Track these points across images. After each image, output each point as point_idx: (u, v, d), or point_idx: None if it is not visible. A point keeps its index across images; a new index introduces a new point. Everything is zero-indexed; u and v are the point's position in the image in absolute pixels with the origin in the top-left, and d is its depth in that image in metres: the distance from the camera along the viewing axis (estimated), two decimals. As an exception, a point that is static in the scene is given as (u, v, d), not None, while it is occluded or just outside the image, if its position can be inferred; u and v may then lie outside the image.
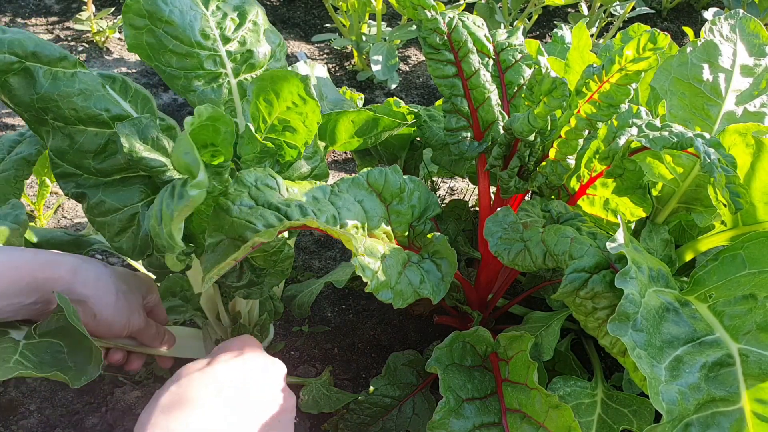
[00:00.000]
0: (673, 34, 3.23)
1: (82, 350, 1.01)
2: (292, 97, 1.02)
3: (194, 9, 1.11)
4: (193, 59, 1.09)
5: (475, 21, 1.37)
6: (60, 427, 1.31)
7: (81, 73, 1.01)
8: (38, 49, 0.97)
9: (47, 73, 0.98)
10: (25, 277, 0.95)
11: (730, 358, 0.83)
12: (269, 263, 1.01)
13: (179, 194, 0.81)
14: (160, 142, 1.01)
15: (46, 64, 0.98)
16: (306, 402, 1.32)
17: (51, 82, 0.98)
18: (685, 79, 1.39)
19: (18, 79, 0.96)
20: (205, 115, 0.84)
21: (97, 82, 1.03)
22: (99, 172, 1.04)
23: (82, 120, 1.01)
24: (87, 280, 1.00)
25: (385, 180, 1.10)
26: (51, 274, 0.97)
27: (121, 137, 0.95)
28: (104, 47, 2.71)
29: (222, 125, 0.88)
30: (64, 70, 0.99)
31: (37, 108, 0.98)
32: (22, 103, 0.98)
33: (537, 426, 1.03)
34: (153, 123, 1.00)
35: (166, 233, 0.83)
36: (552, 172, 1.19)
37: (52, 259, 0.98)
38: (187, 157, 0.79)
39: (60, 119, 1.00)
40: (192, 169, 0.79)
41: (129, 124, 0.97)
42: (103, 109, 1.02)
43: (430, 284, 1.03)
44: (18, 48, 0.96)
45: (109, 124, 1.02)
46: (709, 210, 1.25)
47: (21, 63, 0.96)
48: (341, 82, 2.74)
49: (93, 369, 1.00)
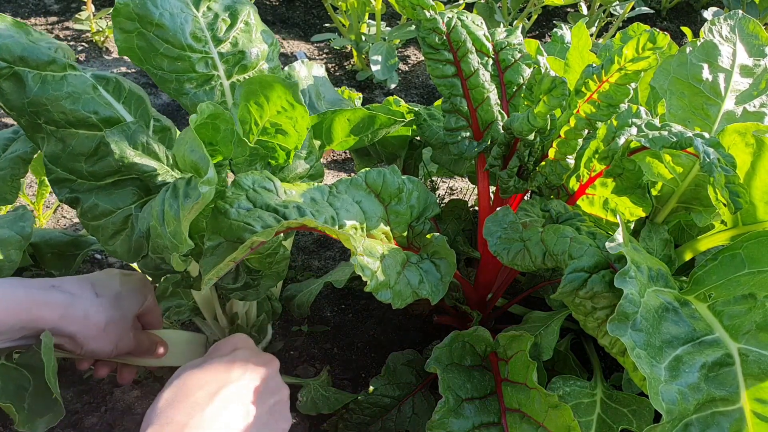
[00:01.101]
0: (673, 34, 3.23)
1: (45, 398, 1.01)
2: (281, 102, 1.02)
3: (185, 11, 1.10)
4: (184, 62, 1.09)
5: (474, 20, 1.37)
6: (59, 426, 1.31)
7: (71, 76, 1.01)
8: (26, 54, 0.97)
9: (36, 77, 0.98)
10: (12, 318, 0.95)
11: (729, 357, 0.83)
12: (265, 265, 1.01)
13: (185, 193, 0.81)
14: (151, 147, 1.00)
15: (35, 68, 0.98)
16: (304, 404, 1.32)
17: (40, 86, 0.98)
18: (684, 79, 1.39)
19: (9, 83, 0.97)
20: (206, 112, 0.84)
21: (88, 84, 1.02)
22: (92, 176, 1.04)
23: (71, 123, 1.00)
24: (74, 318, 1.00)
25: (384, 180, 1.09)
26: (39, 315, 0.97)
27: (111, 144, 0.95)
28: (104, 47, 2.71)
29: (222, 123, 0.88)
30: (53, 74, 0.99)
31: (30, 112, 0.98)
32: (16, 107, 0.98)
33: (536, 426, 1.03)
34: (142, 128, 1.00)
35: (170, 233, 0.83)
36: (551, 171, 1.19)
37: (41, 299, 0.98)
38: (193, 154, 0.79)
39: (52, 123, 1.00)
40: (200, 167, 0.79)
41: (118, 131, 0.97)
42: (92, 111, 1.01)
43: (428, 284, 1.03)
44: (6, 53, 0.96)
45: (99, 126, 1.02)
46: (709, 210, 1.25)
47: (10, 68, 0.96)
48: (341, 81, 2.74)
49: (42, 423, 1.00)
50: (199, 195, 0.78)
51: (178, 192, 0.84)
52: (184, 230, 0.82)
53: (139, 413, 1.33)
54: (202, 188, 0.78)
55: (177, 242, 0.84)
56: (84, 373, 1.42)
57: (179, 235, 0.83)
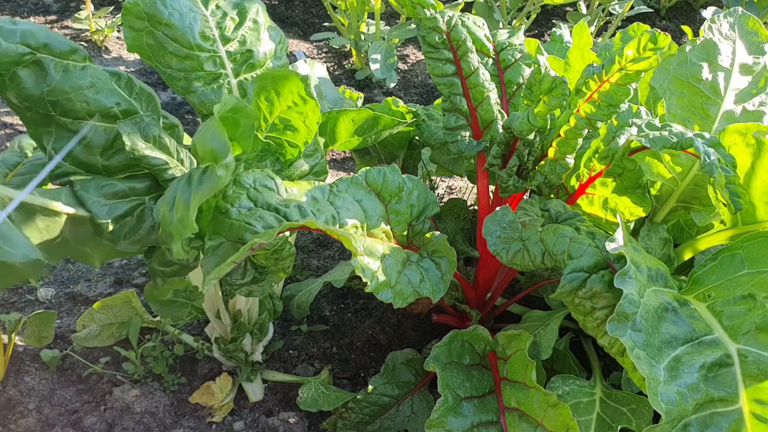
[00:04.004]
0: (672, 33, 3.23)
1: None
2: (292, 97, 1.02)
3: (193, 10, 1.11)
4: (192, 61, 1.09)
5: (476, 21, 1.37)
6: (59, 426, 1.31)
7: (90, 67, 1.00)
8: (50, 41, 0.96)
9: (58, 65, 0.97)
10: None
11: (728, 358, 0.83)
12: (271, 261, 1.01)
13: (199, 180, 0.81)
14: (162, 141, 1.01)
15: (58, 56, 0.97)
16: (305, 400, 1.32)
17: (63, 75, 0.97)
18: (684, 78, 1.39)
19: (28, 71, 0.95)
20: (229, 105, 0.85)
21: (107, 76, 1.02)
22: (105, 170, 1.03)
23: (92, 113, 1.00)
24: None
25: (384, 179, 1.09)
26: None
27: (123, 135, 0.95)
28: (103, 46, 2.71)
29: (242, 118, 0.88)
30: (75, 63, 0.98)
31: (47, 101, 0.96)
32: (31, 98, 0.96)
33: (535, 425, 1.03)
34: (155, 121, 1.00)
35: (177, 219, 0.84)
36: (551, 171, 1.19)
37: None
38: (214, 142, 0.79)
39: (70, 114, 0.98)
40: (218, 153, 0.79)
41: (131, 122, 0.97)
42: (115, 103, 1.01)
43: (429, 283, 1.03)
44: (30, 39, 0.94)
45: (119, 117, 1.01)
46: (708, 209, 1.25)
47: (33, 54, 0.94)
48: (340, 81, 2.74)
49: None
50: (216, 179, 0.78)
51: (192, 180, 0.84)
52: (192, 214, 0.82)
53: (138, 412, 1.33)
54: (219, 171, 0.78)
55: (182, 227, 0.84)
56: (84, 372, 1.42)
57: (185, 220, 0.83)
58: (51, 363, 1.42)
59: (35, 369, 1.42)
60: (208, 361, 1.46)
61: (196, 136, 0.89)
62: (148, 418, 1.33)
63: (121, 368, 1.43)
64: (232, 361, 1.40)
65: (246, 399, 1.42)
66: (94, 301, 1.51)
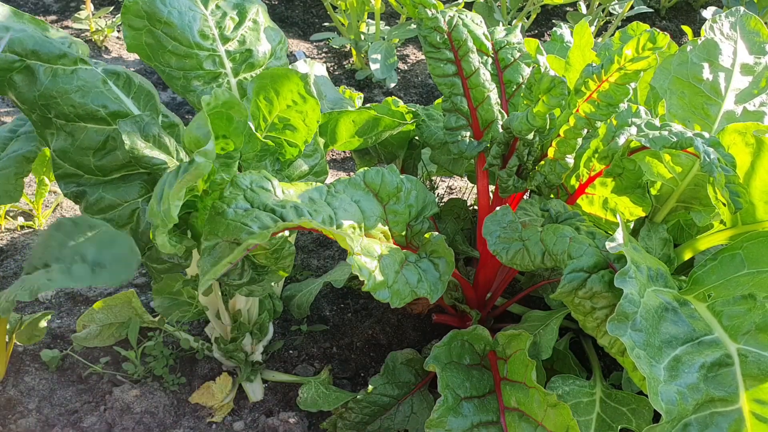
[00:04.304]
0: (672, 33, 3.23)
1: None
2: (292, 96, 1.02)
3: (193, 9, 1.11)
4: (192, 60, 1.10)
5: (474, 18, 1.37)
6: (59, 426, 1.31)
7: (81, 70, 1.02)
8: (38, 48, 0.99)
9: (47, 70, 0.99)
10: None
11: (728, 358, 0.83)
12: (271, 261, 1.01)
13: (183, 169, 0.82)
14: (162, 140, 1.01)
15: (46, 61, 0.99)
16: (305, 400, 1.32)
17: (51, 80, 0.99)
18: (684, 78, 1.39)
19: (21, 77, 0.98)
20: (221, 99, 0.85)
21: (98, 78, 1.03)
22: (99, 170, 1.04)
23: (80, 116, 1.02)
24: None
25: (382, 180, 1.09)
26: None
27: (123, 134, 0.95)
28: (103, 46, 2.71)
29: (235, 113, 0.88)
30: (64, 67, 1.00)
31: (41, 105, 0.99)
32: (28, 101, 1.00)
33: (535, 425, 1.03)
34: (154, 121, 1.00)
35: (162, 211, 0.84)
36: (551, 171, 1.19)
37: None
38: (198, 130, 0.80)
39: (62, 116, 1.01)
40: (201, 140, 0.79)
41: (131, 122, 0.98)
42: (101, 105, 1.02)
43: (427, 283, 1.03)
44: (18, 47, 0.98)
45: (107, 120, 1.03)
46: (708, 209, 1.25)
47: (23, 61, 0.98)
48: (340, 80, 2.74)
49: None
50: (196, 164, 0.78)
51: (178, 171, 0.85)
52: (171, 204, 0.82)
53: (138, 413, 1.33)
54: (198, 158, 0.78)
55: (166, 219, 0.85)
56: (84, 372, 1.42)
57: (169, 211, 0.84)
58: (51, 363, 1.42)
59: (35, 369, 1.42)
60: (208, 361, 1.46)
61: (186, 129, 0.89)
62: (148, 418, 1.33)
63: (121, 368, 1.43)
64: (232, 361, 1.40)
65: (246, 399, 1.42)
66: (94, 301, 1.51)
